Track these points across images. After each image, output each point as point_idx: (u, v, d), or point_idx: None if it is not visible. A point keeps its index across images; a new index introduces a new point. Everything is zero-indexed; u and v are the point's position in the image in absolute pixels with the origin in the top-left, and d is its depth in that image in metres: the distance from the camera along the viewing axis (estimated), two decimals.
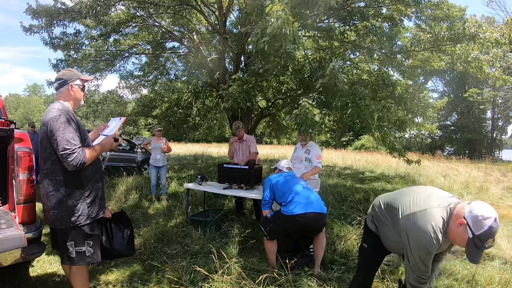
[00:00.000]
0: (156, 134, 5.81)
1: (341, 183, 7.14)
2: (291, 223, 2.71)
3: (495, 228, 1.36)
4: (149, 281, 2.70)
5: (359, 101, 4.02)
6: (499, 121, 29.09)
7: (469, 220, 1.40)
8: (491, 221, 1.36)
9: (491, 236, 1.36)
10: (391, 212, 1.75)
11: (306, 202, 2.74)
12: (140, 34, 8.37)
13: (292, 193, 2.82)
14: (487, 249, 1.41)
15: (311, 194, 2.87)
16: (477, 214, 1.38)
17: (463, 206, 1.48)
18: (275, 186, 2.96)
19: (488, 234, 1.35)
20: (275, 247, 2.83)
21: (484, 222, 1.36)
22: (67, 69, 2.14)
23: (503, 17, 23.24)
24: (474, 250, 1.40)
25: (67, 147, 1.78)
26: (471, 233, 1.38)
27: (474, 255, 1.42)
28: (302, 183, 3.00)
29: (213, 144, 28.85)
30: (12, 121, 2.35)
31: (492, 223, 1.36)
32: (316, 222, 2.72)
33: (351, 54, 7.36)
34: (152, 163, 5.75)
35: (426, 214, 1.54)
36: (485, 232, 1.35)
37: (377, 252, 1.95)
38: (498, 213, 5.45)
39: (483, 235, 1.36)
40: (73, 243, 1.92)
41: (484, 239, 1.36)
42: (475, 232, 1.37)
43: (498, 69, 5.51)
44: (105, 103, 8.68)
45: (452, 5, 5.64)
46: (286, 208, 2.76)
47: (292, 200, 2.76)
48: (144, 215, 4.79)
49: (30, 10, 5.78)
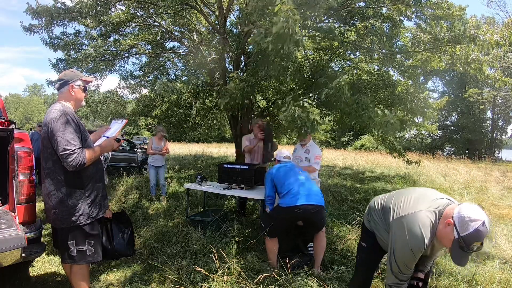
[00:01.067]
0: (157, 135, 5.80)
1: (341, 183, 7.14)
2: (289, 215, 2.70)
3: (482, 232, 1.35)
4: (149, 281, 2.70)
5: (362, 112, 3.98)
6: (499, 121, 29.08)
7: (456, 220, 1.40)
8: (478, 223, 1.35)
9: (477, 239, 1.35)
10: (385, 214, 1.77)
11: (305, 194, 2.71)
12: (140, 34, 8.35)
13: (291, 185, 2.79)
14: (475, 252, 1.40)
15: (310, 186, 2.84)
16: (464, 215, 1.38)
17: (453, 207, 1.48)
18: (275, 178, 2.94)
19: (473, 236, 1.35)
20: (276, 247, 2.81)
21: (470, 224, 1.35)
22: (69, 70, 2.16)
23: (503, 17, 23.26)
24: (460, 251, 1.40)
25: (67, 147, 1.80)
26: (457, 233, 1.38)
27: (459, 257, 1.42)
28: (301, 174, 2.95)
29: (213, 144, 28.87)
30: (12, 121, 2.36)
31: (479, 226, 1.34)
32: (314, 215, 2.70)
33: (351, 54, 7.35)
34: (150, 163, 5.74)
35: (414, 217, 1.54)
36: (471, 233, 1.35)
37: (375, 251, 1.95)
38: (498, 213, 5.43)
39: (468, 237, 1.35)
40: (74, 242, 1.94)
41: (469, 241, 1.35)
42: (461, 233, 1.37)
43: (498, 70, 5.50)
44: (105, 103, 8.66)
45: (452, 5, 5.63)
46: (283, 200, 2.75)
47: (290, 191, 2.74)
48: (144, 215, 4.79)
49: (30, 10, 5.78)
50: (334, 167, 11.71)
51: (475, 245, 1.36)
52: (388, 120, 3.77)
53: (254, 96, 6.38)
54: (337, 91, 3.74)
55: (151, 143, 5.84)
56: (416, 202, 1.60)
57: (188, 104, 8.01)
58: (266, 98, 8.86)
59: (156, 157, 5.70)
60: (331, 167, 11.61)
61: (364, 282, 2.05)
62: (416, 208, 1.56)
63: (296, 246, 3.23)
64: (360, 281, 2.09)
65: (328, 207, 5.00)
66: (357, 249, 2.13)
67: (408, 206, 1.61)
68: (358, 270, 2.11)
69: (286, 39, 2.78)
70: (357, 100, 4.11)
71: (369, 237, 1.94)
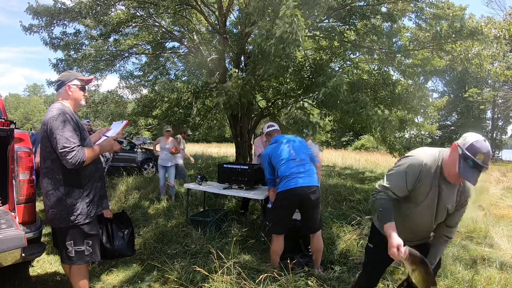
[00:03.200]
0: (165, 134, 5.81)
1: (341, 183, 7.14)
2: (289, 200, 2.70)
3: (483, 144, 1.41)
4: (149, 281, 2.70)
5: (360, 110, 3.99)
6: (499, 121, 29.07)
7: (459, 141, 1.49)
8: (477, 138, 1.43)
9: (479, 150, 1.40)
10: None
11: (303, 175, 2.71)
12: (140, 34, 8.36)
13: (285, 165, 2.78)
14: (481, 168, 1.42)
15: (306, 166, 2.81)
16: (465, 136, 1.48)
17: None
18: (273, 158, 2.90)
19: (475, 148, 1.40)
20: (281, 248, 2.78)
21: (471, 139, 1.43)
22: (67, 71, 2.19)
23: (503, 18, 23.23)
24: (467, 167, 1.43)
25: (66, 145, 1.80)
26: (461, 150, 1.45)
27: (467, 173, 1.44)
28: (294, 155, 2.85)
29: (213, 144, 28.87)
30: (12, 121, 2.36)
31: (479, 140, 1.42)
32: (311, 195, 2.67)
33: (351, 54, 7.35)
34: (159, 163, 5.75)
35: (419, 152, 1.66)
36: (472, 145, 1.41)
37: (382, 252, 1.93)
38: (498, 213, 5.44)
39: (471, 148, 1.41)
40: (72, 242, 1.94)
41: (473, 152, 1.40)
42: (464, 148, 1.44)
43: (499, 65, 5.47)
44: (105, 103, 8.67)
45: (452, 4, 5.62)
46: (281, 184, 2.75)
47: (287, 174, 2.73)
48: (144, 215, 4.79)
49: (30, 10, 5.78)
50: (334, 167, 11.71)
51: (479, 158, 1.40)
52: (386, 118, 3.78)
53: (253, 96, 6.38)
54: (335, 90, 3.75)
55: (159, 142, 5.88)
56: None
57: (188, 104, 8.02)
58: (266, 98, 8.86)
59: (164, 157, 5.70)
60: (331, 167, 11.61)
61: (368, 282, 2.03)
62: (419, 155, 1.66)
63: (297, 246, 3.22)
64: (363, 281, 2.08)
65: (328, 207, 5.01)
66: (365, 250, 2.11)
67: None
68: (364, 270, 2.10)
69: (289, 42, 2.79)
70: (355, 99, 4.12)
71: (377, 238, 1.92)
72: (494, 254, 3.31)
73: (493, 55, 4.91)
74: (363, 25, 6.14)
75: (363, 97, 4.11)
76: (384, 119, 3.80)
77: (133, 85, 9.06)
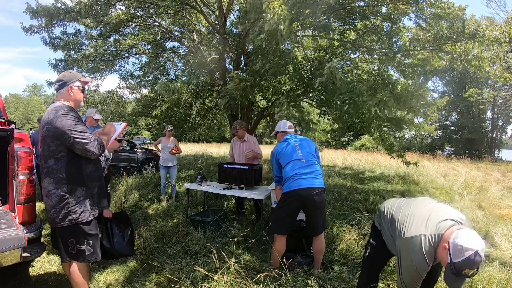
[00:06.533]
0: (167, 134, 5.80)
1: (341, 183, 7.14)
2: (292, 201, 2.68)
3: (474, 261, 1.36)
4: (149, 281, 2.70)
5: (357, 98, 3.99)
6: (499, 121, 29.08)
7: (451, 246, 1.43)
8: (470, 253, 1.37)
9: (468, 267, 1.37)
10: (392, 225, 1.85)
11: (307, 176, 2.68)
12: (140, 34, 8.36)
13: (290, 166, 2.75)
14: (468, 277, 1.42)
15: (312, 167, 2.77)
16: (457, 243, 1.41)
17: (452, 230, 1.51)
18: (280, 157, 2.88)
19: (464, 264, 1.37)
20: (283, 248, 2.77)
21: (462, 252, 1.38)
22: (67, 71, 2.18)
23: (503, 17, 23.22)
24: (452, 276, 1.42)
25: (85, 136, 1.88)
26: (450, 259, 1.42)
27: (451, 281, 1.44)
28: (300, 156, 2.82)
29: (213, 144, 28.83)
30: (12, 121, 2.36)
31: (471, 255, 1.36)
32: (314, 197, 2.64)
33: (351, 53, 7.35)
34: (161, 163, 5.75)
35: (418, 241, 1.60)
36: (462, 262, 1.38)
37: (382, 250, 2.01)
38: (498, 213, 5.42)
39: (459, 264, 1.38)
40: (73, 240, 1.95)
41: (460, 268, 1.38)
42: (453, 259, 1.40)
43: (499, 66, 5.45)
44: (105, 103, 8.67)
45: (452, 4, 5.62)
46: (285, 185, 2.73)
47: (291, 175, 2.70)
48: (144, 215, 4.79)
49: (29, 10, 5.78)
50: (334, 167, 11.70)
51: (466, 272, 1.38)
52: (381, 99, 3.77)
53: (254, 96, 6.38)
54: (330, 77, 3.73)
55: (160, 142, 5.86)
56: (421, 224, 1.65)
57: (188, 104, 8.01)
58: (266, 98, 8.86)
59: (165, 157, 5.70)
60: (331, 167, 11.60)
61: (368, 278, 2.10)
62: (420, 231, 1.62)
63: (300, 246, 3.21)
64: (363, 277, 2.15)
65: (328, 207, 5.00)
66: (366, 247, 2.17)
67: (415, 227, 1.67)
68: (363, 266, 2.19)
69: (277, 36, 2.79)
70: (352, 88, 4.12)
71: (378, 236, 2.03)
72: (494, 254, 3.31)
73: (492, 58, 4.90)
74: (363, 25, 6.14)
75: (360, 86, 4.12)
76: (379, 100, 3.79)
77: (133, 85, 9.07)
